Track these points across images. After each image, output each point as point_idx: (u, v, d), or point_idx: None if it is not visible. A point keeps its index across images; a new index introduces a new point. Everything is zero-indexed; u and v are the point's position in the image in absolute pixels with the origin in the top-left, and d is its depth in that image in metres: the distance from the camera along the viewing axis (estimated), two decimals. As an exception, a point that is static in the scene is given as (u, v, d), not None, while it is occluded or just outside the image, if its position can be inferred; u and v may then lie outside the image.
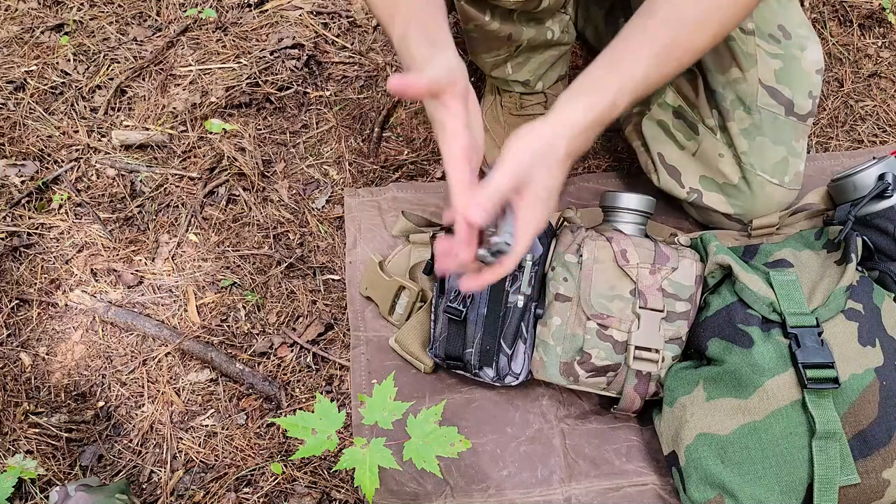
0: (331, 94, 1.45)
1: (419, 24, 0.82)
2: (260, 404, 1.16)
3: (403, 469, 0.98)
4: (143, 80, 1.48)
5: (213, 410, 1.16)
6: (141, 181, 1.36)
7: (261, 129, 1.41)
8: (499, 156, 0.80)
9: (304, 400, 1.15)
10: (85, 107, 1.45)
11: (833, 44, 1.48)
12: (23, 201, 1.34)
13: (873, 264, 1.07)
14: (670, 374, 1.03)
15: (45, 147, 1.40)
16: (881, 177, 1.07)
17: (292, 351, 1.20)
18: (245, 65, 1.48)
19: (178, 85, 1.47)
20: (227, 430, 1.14)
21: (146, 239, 1.30)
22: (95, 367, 1.20)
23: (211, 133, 1.40)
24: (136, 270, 1.27)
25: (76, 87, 1.47)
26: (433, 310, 1.10)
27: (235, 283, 1.26)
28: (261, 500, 1.08)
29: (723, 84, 1.10)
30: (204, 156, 1.38)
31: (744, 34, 1.08)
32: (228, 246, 1.29)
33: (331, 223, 1.31)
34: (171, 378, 1.18)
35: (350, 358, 1.17)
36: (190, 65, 1.49)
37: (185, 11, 1.56)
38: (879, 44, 1.50)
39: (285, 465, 1.10)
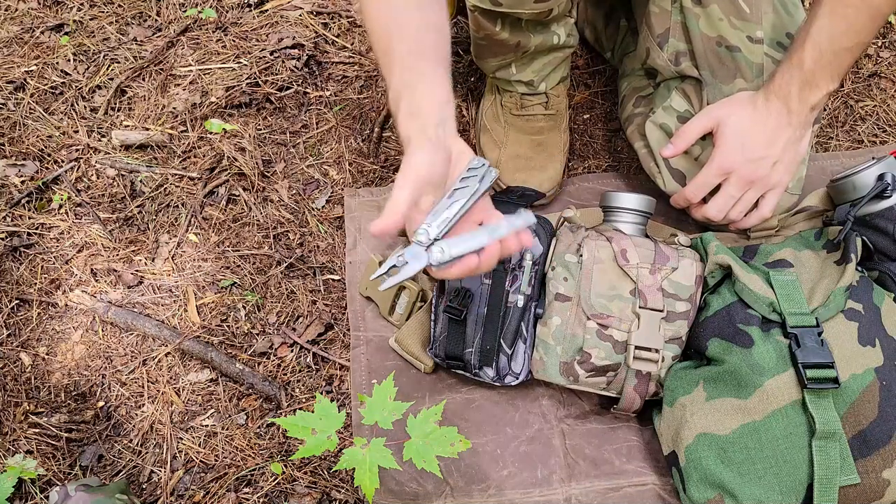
0: (331, 94, 1.45)
1: (408, 98, 0.87)
2: (260, 404, 1.16)
3: (403, 469, 0.98)
4: (143, 80, 1.48)
5: (213, 410, 1.16)
6: (141, 181, 1.36)
7: (261, 129, 1.41)
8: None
9: (304, 400, 1.15)
10: (85, 107, 1.45)
11: (833, 44, 1.48)
12: (23, 201, 1.34)
13: (873, 264, 1.07)
14: (670, 374, 1.03)
15: (45, 147, 1.40)
16: (881, 177, 1.07)
17: (292, 351, 1.20)
18: (245, 65, 1.48)
19: (178, 85, 1.47)
20: (227, 430, 1.14)
21: (146, 239, 1.30)
22: (95, 367, 1.20)
23: (211, 133, 1.40)
24: (136, 270, 1.27)
25: (76, 87, 1.47)
26: (433, 310, 1.10)
27: (235, 283, 1.26)
28: (261, 500, 1.08)
29: (727, 94, 1.10)
30: (204, 156, 1.38)
31: (752, 43, 1.08)
32: (228, 246, 1.29)
33: (331, 223, 1.31)
34: (171, 378, 1.18)
35: (350, 358, 1.17)
36: (190, 65, 1.49)
37: (185, 11, 1.56)
38: (879, 44, 1.50)
39: (285, 465, 1.10)
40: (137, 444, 1.14)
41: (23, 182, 1.36)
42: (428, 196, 0.84)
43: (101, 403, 1.17)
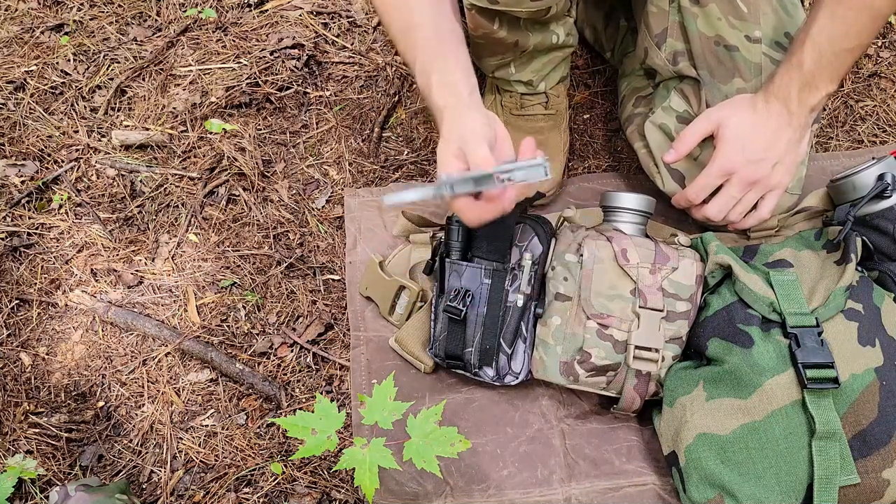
0: (331, 94, 1.45)
1: (439, 70, 0.90)
2: (260, 404, 1.16)
3: (403, 469, 0.98)
4: (143, 80, 1.48)
5: (213, 410, 1.16)
6: (141, 181, 1.36)
7: (261, 129, 1.41)
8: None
9: (304, 400, 1.15)
10: (85, 107, 1.45)
11: (833, 44, 1.48)
12: (23, 201, 1.34)
13: (873, 264, 1.07)
14: (670, 373, 1.03)
15: (45, 147, 1.40)
16: (880, 177, 1.07)
17: (292, 351, 1.20)
18: (245, 65, 1.48)
19: (178, 85, 1.47)
20: (227, 430, 1.14)
21: (146, 239, 1.30)
22: (95, 367, 1.20)
23: (211, 133, 1.40)
24: (136, 270, 1.27)
25: (76, 87, 1.47)
26: (433, 309, 1.10)
27: (235, 283, 1.26)
28: (261, 500, 1.08)
29: (725, 94, 1.10)
30: (204, 156, 1.38)
31: (749, 43, 1.08)
32: (228, 246, 1.29)
33: (331, 223, 1.31)
34: (171, 378, 1.18)
35: (350, 358, 1.17)
36: (190, 65, 1.49)
37: (185, 11, 1.56)
38: (879, 44, 1.50)
39: (285, 465, 1.10)
40: (137, 444, 1.14)
41: (23, 182, 1.36)
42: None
43: (101, 403, 1.17)
